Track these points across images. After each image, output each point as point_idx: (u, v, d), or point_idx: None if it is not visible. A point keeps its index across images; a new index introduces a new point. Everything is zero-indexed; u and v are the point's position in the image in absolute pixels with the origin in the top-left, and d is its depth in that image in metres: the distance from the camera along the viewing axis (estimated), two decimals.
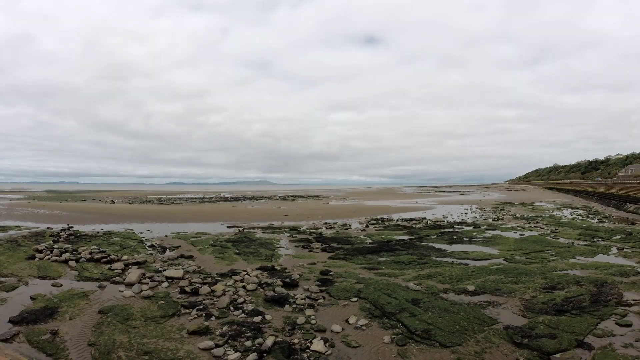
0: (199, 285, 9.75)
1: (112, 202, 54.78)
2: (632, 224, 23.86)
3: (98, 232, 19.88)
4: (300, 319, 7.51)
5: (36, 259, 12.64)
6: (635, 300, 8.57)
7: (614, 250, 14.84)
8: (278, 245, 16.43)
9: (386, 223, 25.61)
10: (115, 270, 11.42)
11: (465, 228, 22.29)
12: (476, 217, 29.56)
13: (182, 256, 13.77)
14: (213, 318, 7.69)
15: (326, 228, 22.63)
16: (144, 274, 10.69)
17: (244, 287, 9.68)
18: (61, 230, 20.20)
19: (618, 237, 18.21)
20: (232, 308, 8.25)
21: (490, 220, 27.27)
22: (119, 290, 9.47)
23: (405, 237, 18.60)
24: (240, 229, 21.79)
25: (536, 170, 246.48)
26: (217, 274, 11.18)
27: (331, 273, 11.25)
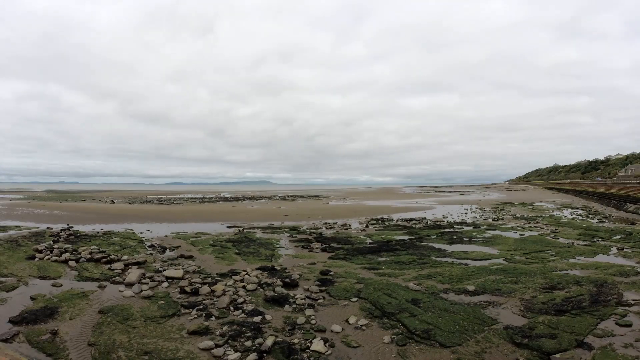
0: (199, 285, 9.75)
1: (112, 202, 54.77)
2: (632, 224, 23.85)
3: (98, 232, 19.88)
4: (300, 319, 7.51)
5: (36, 259, 12.64)
6: (635, 300, 8.57)
7: (614, 250, 14.84)
8: (278, 245, 16.43)
9: (386, 223, 25.61)
10: (115, 270, 11.43)
11: (465, 228, 22.29)
12: (476, 217, 29.56)
13: (182, 256, 13.77)
14: (213, 318, 7.69)
15: (326, 228, 22.63)
16: (144, 274, 10.69)
17: (244, 287, 9.68)
18: (61, 230, 20.19)
19: (618, 237, 18.21)
20: (232, 308, 8.25)
21: (490, 220, 27.27)
22: (119, 290, 9.47)
23: (405, 237, 18.60)
24: (240, 229, 21.79)
25: (536, 170, 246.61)
26: (217, 274, 11.18)
27: (331, 273, 11.25)
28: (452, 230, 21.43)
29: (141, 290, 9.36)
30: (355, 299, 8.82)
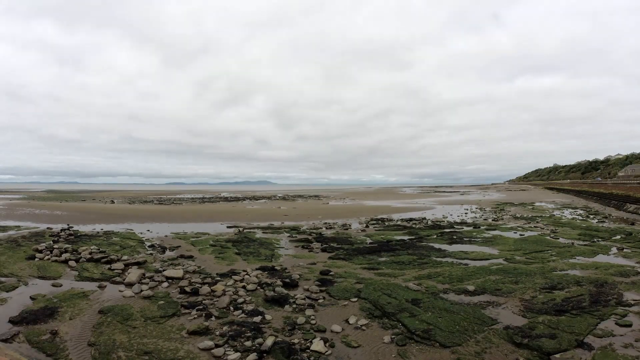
0: (199, 285, 9.75)
1: (112, 202, 54.77)
2: (632, 224, 23.86)
3: (98, 232, 19.88)
4: (300, 319, 7.51)
5: (36, 259, 12.64)
6: (635, 300, 8.58)
7: (614, 250, 14.84)
8: (278, 246, 16.43)
9: (386, 223, 25.61)
10: (115, 270, 11.43)
11: (465, 228, 22.29)
12: (476, 217, 29.56)
13: (182, 256, 13.77)
14: (213, 318, 7.69)
15: (326, 228, 22.63)
16: (144, 274, 10.69)
17: (244, 287, 9.68)
18: (61, 230, 20.20)
19: (618, 237, 18.21)
20: (232, 308, 8.26)
21: (490, 220, 27.27)
22: (119, 291, 9.47)
23: (405, 237, 18.60)
24: (240, 229, 21.79)
25: (536, 170, 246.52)
26: (217, 274, 11.18)
27: (331, 273, 11.25)
28: (452, 230, 21.43)
29: (141, 290, 9.36)
30: (355, 299, 8.82)
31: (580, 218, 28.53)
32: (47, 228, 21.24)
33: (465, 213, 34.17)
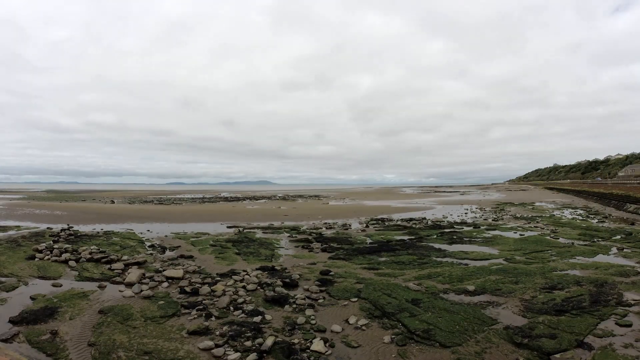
0: (199, 285, 9.75)
1: (112, 202, 54.78)
2: (632, 224, 23.85)
3: (98, 232, 19.88)
4: (300, 319, 7.51)
5: (36, 259, 12.64)
6: (635, 300, 8.57)
7: (614, 250, 14.84)
8: (278, 246, 16.43)
9: (386, 223, 25.61)
10: (115, 270, 11.43)
11: (465, 228, 22.29)
12: (476, 217, 29.56)
13: (182, 256, 13.77)
14: (213, 318, 7.69)
15: (326, 228, 22.63)
16: (144, 274, 10.69)
17: (244, 287, 9.68)
18: (61, 230, 20.19)
19: (618, 237, 18.21)
20: (232, 308, 8.25)
21: (490, 220, 27.27)
22: (119, 291, 9.47)
23: (405, 237, 18.60)
24: (240, 229, 21.79)
25: (536, 170, 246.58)
26: (217, 274, 11.18)
27: (331, 273, 11.24)
28: (452, 230, 21.43)
29: (141, 290, 9.36)
30: (355, 299, 8.82)
31: (580, 218, 28.53)
32: (47, 228, 21.24)
33: (465, 213, 34.18)
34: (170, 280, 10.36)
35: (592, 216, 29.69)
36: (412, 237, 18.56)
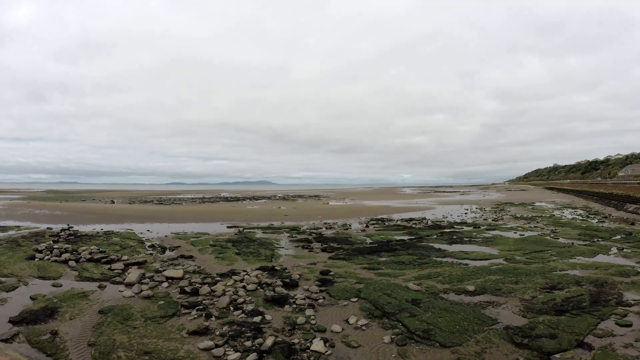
0: (199, 285, 9.75)
1: (112, 202, 54.79)
2: (632, 224, 23.85)
3: (98, 232, 19.88)
4: (300, 319, 7.51)
5: (36, 259, 12.64)
6: (635, 300, 8.57)
7: (614, 250, 14.84)
8: (278, 246, 16.43)
9: (386, 223, 25.61)
10: (115, 271, 11.43)
11: (465, 228, 22.29)
12: (476, 217, 29.56)
13: (182, 256, 13.77)
14: (213, 318, 7.69)
15: (326, 228, 22.63)
16: (144, 274, 10.69)
17: (244, 287, 9.67)
18: (61, 230, 20.20)
19: (618, 237, 18.21)
20: (232, 308, 8.25)
21: (490, 220, 27.27)
22: (119, 291, 9.47)
23: (405, 237, 18.60)
24: (240, 229, 21.79)
25: (536, 170, 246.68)
26: (217, 274, 11.17)
27: (331, 273, 11.25)
28: (452, 230, 21.43)
29: (141, 291, 9.36)
30: (355, 299, 8.82)
31: (580, 218, 28.53)
32: (47, 228, 21.25)
33: (465, 213, 34.18)
34: (170, 280, 10.36)
35: (592, 216, 29.69)
36: (412, 237, 18.56)
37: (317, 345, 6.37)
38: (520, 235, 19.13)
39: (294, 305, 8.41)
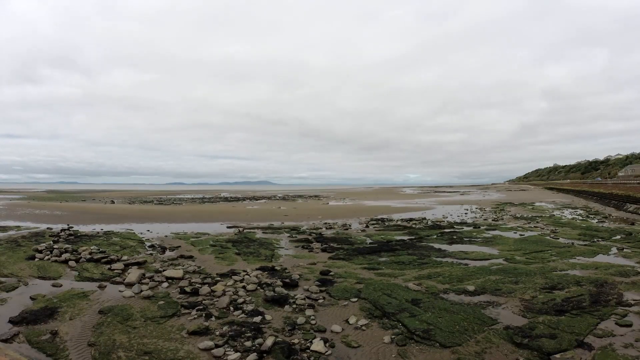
0: (199, 285, 9.75)
1: (112, 202, 54.79)
2: (632, 224, 23.86)
3: (98, 233, 19.88)
4: (300, 319, 7.51)
5: (36, 259, 12.64)
6: (635, 300, 8.57)
7: (614, 250, 14.84)
8: (278, 246, 16.43)
9: (386, 223, 25.61)
10: (115, 271, 11.43)
11: (465, 228, 22.29)
12: (476, 217, 29.56)
13: (182, 256, 13.77)
14: (213, 318, 7.69)
15: (326, 228, 22.63)
16: (144, 274, 10.69)
17: (244, 287, 9.68)
18: (61, 230, 20.20)
19: (618, 237, 18.21)
20: (232, 308, 8.25)
21: (490, 220, 27.27)
22: (119, 291, 9.47)
23: (405, 237, 18.60)
24: (240, 229, 21.79)
25: (536, 170, 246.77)
26: (217, 274, 11.17)
27: (331, 273, 11.24)
28: (452, 230, 21.43)
29: (141, 291, 9.36)
30: (355, 299, 8.82)
31: (580, 218, 28.53)
32: (47, 228, 21.25)
33: (465, 213, 34.18)
34: (170, 281, 10.36)
35: (592, 216, 29.69)
36: (412, 237, 18.56)
37: (317, 345, 6.37)
38: (520, 235, 19.13)
39: (294, 306, 8.41)
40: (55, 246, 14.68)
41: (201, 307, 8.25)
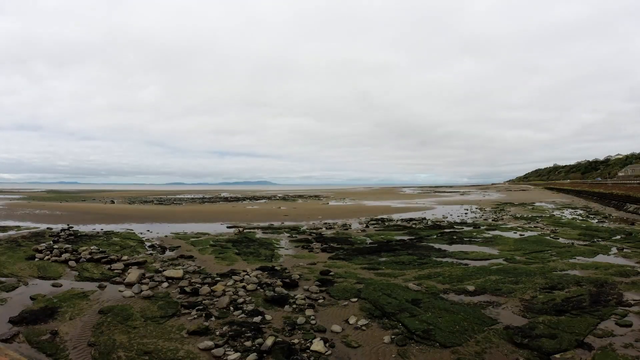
0: (199, 285, 9.75)
1: (112, 202, 54.79)
2: (632, 224, 23.87)
3: (98, 232, 19.88)
4: (300, 319, 7.51)
5: (36, 259, 12.64)
6: (635, 300, 8.58)
7: (614, 250, 14.84)
8: (278, 246, 16.43)
9: (386, 223, 25.61)
10: (115, 271, 11.43)
11: (465, 228, 22.30)
12: (476, 218, 29.56)
13: (182, 256, 13.77)
14: (213, 318, 7.69)
15: (326, 228, 22.63)
16: (144, 274, 10.69)
17: (244, 287, 9.68)
18: (61, 230, 20.21)
19: (618, 237, 18.21)
20: (232, 308, 8.25)
21: (490, 220, 27.27)
22: (119, 291, 9.47)
23: (405, 238, 18.60)
24: (240, 229, 21.78)
25: (536, 170, 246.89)
26: (217, 274, 11.18)
27: (331, 273, 11.24)
28: (452, 230, 21.43)
29: (141, 291, 9.36)
30: (355, 299, 8.82)
31: (580, 218, 28.53)
32: (47, 228, 21.26)
33: (465, 213, 34.18)
34: (170, 281, 10.36)
35: (592, 216, 29.69)
36: (412, 237, 18.56)
37: (317, 345, 6.37)
38: (520, 235, 19.13)
39: (294, 306, 8.41)
40: (55, 246, 14.69)
41: (201, 307, 8.25)
